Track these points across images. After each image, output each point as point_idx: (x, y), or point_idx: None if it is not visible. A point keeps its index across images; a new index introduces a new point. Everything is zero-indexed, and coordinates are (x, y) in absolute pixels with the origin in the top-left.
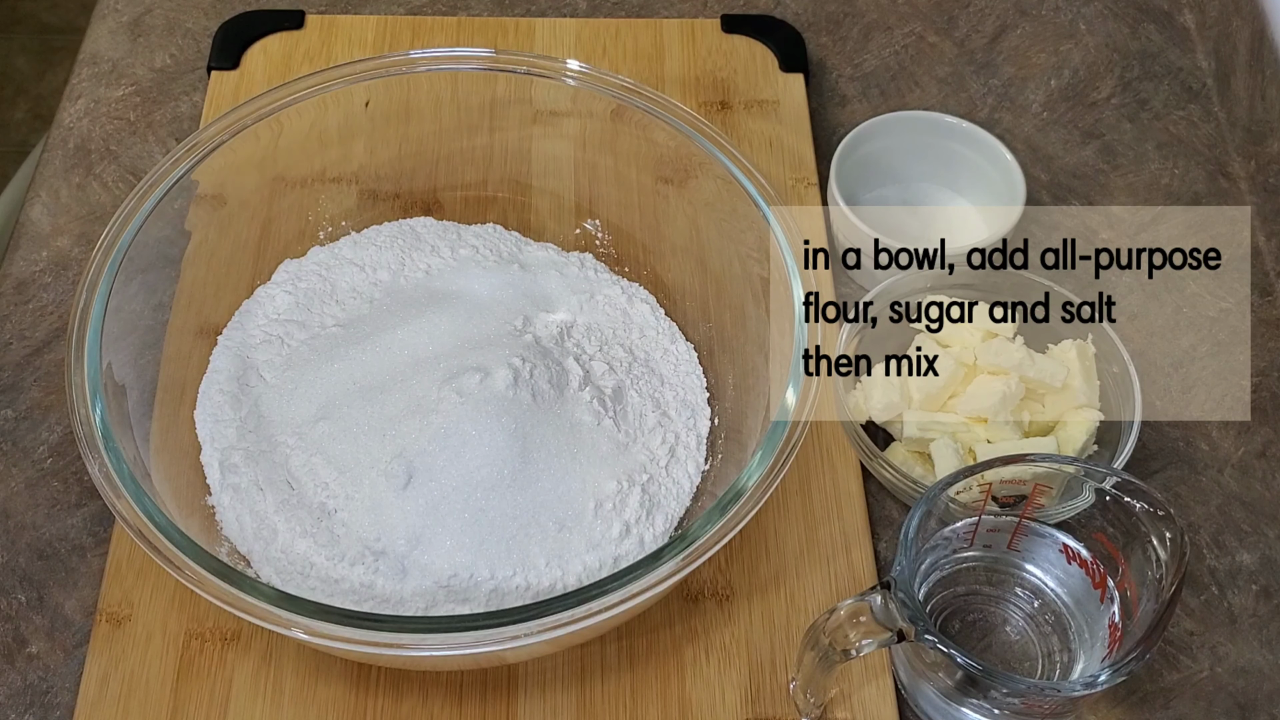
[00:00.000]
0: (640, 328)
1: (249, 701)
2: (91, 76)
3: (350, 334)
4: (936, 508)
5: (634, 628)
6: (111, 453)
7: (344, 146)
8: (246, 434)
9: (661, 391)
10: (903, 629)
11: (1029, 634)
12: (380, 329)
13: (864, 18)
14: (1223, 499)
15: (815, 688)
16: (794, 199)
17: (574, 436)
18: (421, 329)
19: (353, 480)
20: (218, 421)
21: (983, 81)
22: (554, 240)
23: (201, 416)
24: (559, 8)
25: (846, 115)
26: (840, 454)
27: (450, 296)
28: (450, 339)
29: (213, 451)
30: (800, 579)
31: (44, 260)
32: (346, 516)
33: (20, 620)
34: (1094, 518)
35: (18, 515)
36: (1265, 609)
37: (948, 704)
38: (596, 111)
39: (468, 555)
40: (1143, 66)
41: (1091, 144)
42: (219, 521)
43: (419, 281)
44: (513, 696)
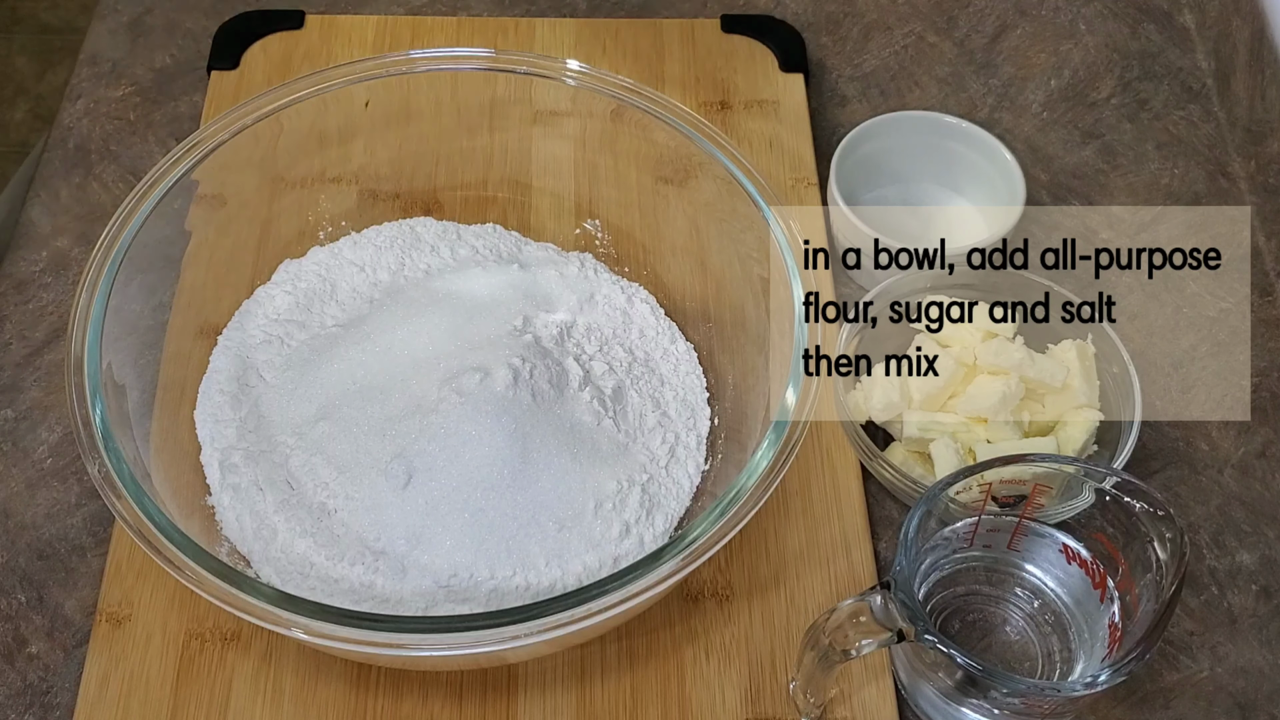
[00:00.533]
0: (640, 328)
1: (249, 701)
2: (91, 76)
3: (350, 334)
4: (936, 508)
5: (634, 628)
6: (111, 453)
7: (344, 146)
8: (246, 434)
9: (661, 391)
10: (903, 629)
11: (1029, 634)
12: (380, 329)
13: (864, 18)
14: (1223, 499)
15: (815, 688)
16: (794, 199)
17: (574, 436)
18: (421, 329)
19: (352, 480)
20: (217, 422)
21: (983, 81)
22: (554, 240)
23: (201, 417)
24: (559, 8)
25: (846, 115)
26: (840, 454)
27: (450, 296)
28: (450, 339)
29: (212, 451)
30: (800, 579)
31: (44, 260)
32: (346, 516)
33: (20, 620)
34: (1094, 518)
35: (18, 515)
36: (1265, 609)
37: (948, 704)
38: (596, 112)
39: (467, 555)
40: (1143, 66)
41: (1091, 144)
42: (219, 521)
43: (419, 281)
44: (513, 696)
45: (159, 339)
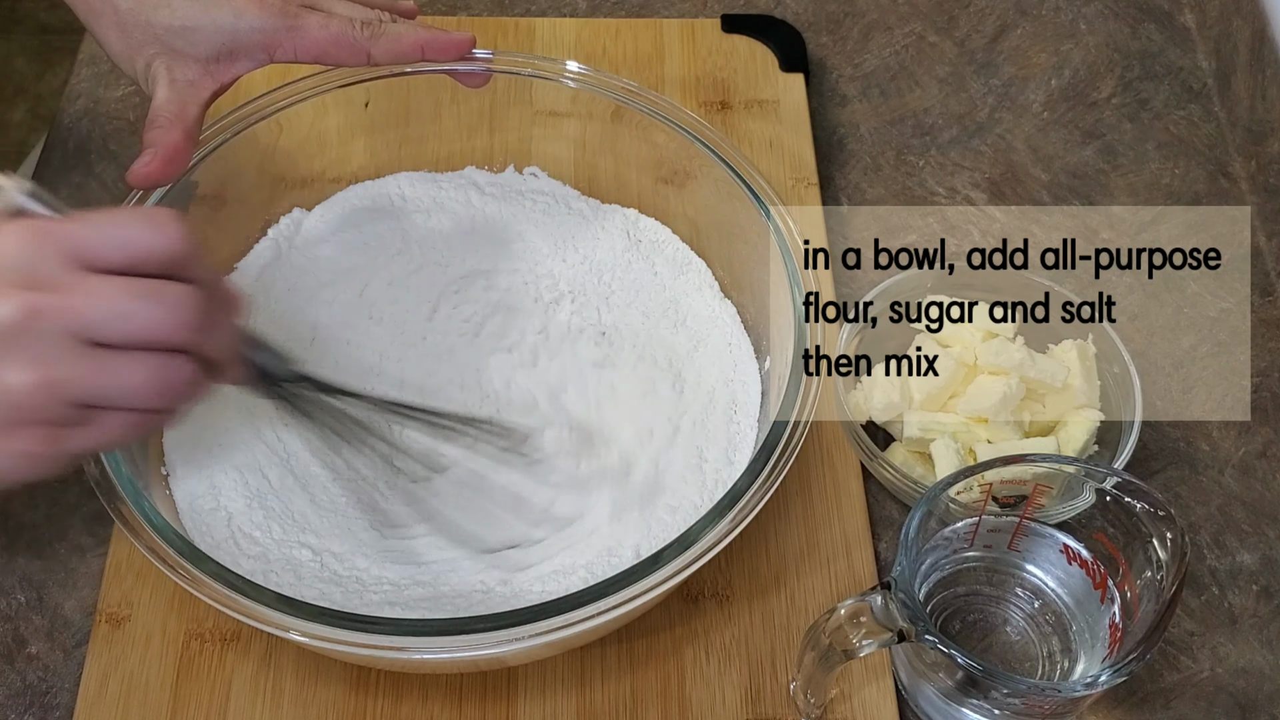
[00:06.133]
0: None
1: (248, 702)
2: (91, 76)
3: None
4: (937, 508)
5: (634, 629)
6: (109, 454)
7: (344, 146)
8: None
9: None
10: (903, 629)
11: (1029, 634)
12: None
13: (864, 17)
14: (1223, 499)
15: (815, 688)
16: (794, 199)
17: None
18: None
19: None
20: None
21: (983, 81)
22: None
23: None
24: (559, 8)
25: (846, 115)
26: (840, 454)
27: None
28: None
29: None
30: (800, 579)
31: None
32: (348, 516)
33: (20, 620)
34: (1094, 518)
35: (18, 515)
36: (1266, 609)
37: (948, 704)
38: (596, 113)
39: (467, 559)
40: (1143, 66)
41: (1092, 144)
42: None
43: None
44: (512, 698)
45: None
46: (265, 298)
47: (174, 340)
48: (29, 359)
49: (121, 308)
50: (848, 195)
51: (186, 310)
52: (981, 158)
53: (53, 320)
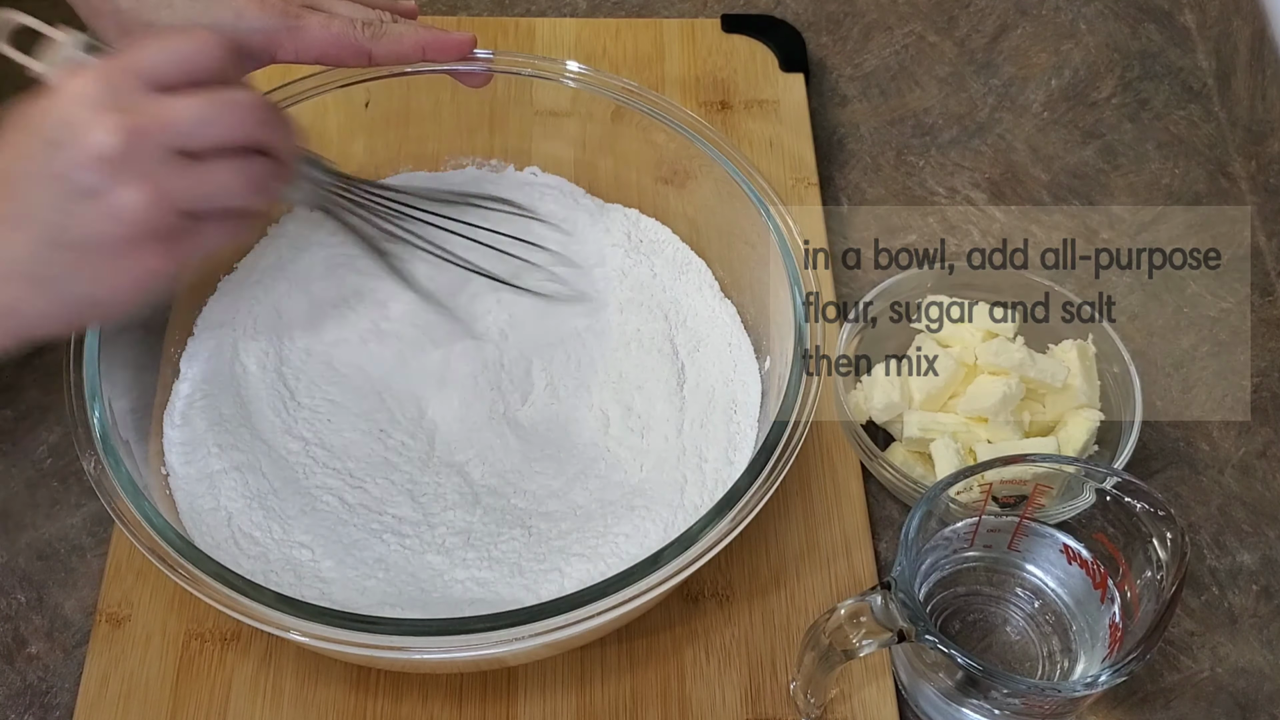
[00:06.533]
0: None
1: (248, 702)
2: None
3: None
4: (937, 508)
5: (634, 629)
6: (109, 454)
7: (344, 146)
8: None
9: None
10: (903, 629)
11: (1029, 634)
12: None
13: (864, 17)
14: (1223, 499)
15: (815, 688)
16: (794, 199)
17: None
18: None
19: (355, 481)
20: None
21: (983, 81)
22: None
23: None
24: (559, 8)
25: (846, 115)
26: (840, 454)
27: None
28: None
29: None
30: (800, 579)
31: None
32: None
33: (20, 620)
34: (1094, 518)
35: (18, 515)
36: (1266, 609)
37: (948, 704)
38: (596, 113)
39: (467, 560)
40: (1143, 66)
41: (1092, 144)
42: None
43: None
44: (512, 698)
45: (159, 339)
46: (266, 297)
47: (252, 137)
48: (138, 177)
49: (204, 114)
50: (848, 195)
51: (257, 109)
52: (981, 158)
53: (152, 136)
